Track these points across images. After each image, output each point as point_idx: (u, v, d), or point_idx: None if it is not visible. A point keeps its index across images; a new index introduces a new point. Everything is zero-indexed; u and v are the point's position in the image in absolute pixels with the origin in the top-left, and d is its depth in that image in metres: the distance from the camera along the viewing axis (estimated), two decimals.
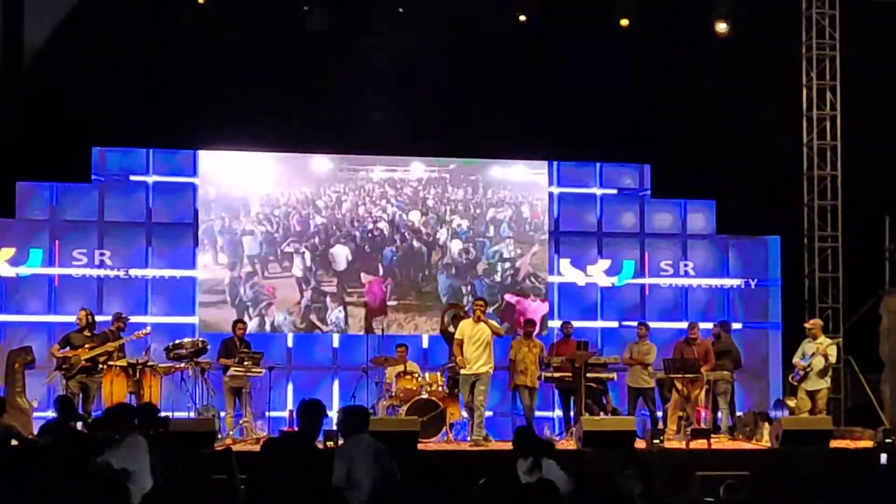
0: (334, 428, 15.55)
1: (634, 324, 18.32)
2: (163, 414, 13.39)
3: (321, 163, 19.13)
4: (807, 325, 17.49)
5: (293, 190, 18.90)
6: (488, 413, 16.87)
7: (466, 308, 17.62)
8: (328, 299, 18.82)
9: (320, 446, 14.40)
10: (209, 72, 18.42)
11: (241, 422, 16.23)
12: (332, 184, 19.09)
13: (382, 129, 19.18)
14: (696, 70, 19.77)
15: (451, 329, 17.72)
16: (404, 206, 19.19)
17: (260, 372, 16.50)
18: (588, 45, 19.25)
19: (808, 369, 16.77)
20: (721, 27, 19.56)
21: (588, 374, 16.73)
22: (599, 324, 19.38)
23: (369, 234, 19.05)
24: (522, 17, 19.50)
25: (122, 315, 16.68)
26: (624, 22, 19.55)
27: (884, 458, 14.56)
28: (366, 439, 10.21)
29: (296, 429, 14.69)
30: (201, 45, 18.48)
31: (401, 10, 19.40)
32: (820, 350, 16.77)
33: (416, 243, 19.16)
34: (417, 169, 19.34)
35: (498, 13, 19.16)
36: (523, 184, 19.46)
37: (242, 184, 18.74)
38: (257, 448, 14.85)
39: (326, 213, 18.96)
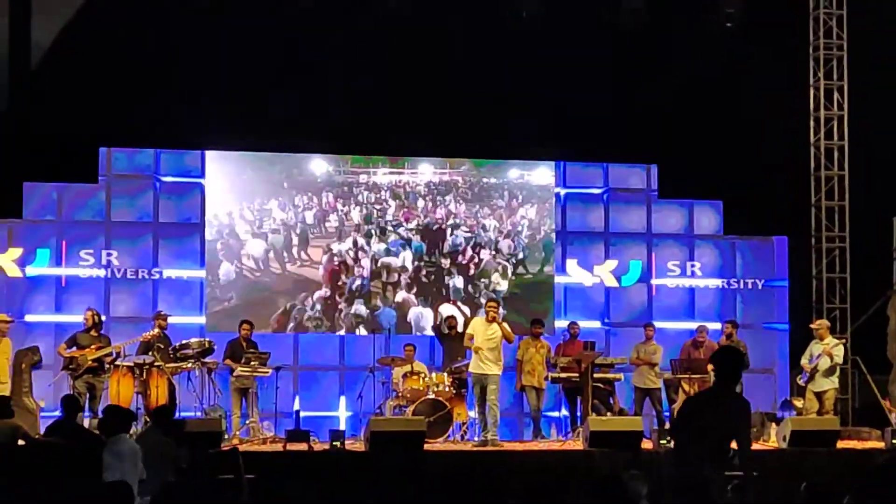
0: (342, 428, 15.66)
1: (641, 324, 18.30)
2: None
3: (320, 165, 19.08)
4: (813, 326, 17.42)
5: (284, 196, 18.82)
6: None
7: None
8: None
9: (325, 446, 14.48)
10: (216, 71, 18.40)
11: (247, 422, 16.23)
12: (329, 188, 19.02)
13: (386, 128, 19.13)
14: (703, 69, 19.72)
15: (444, 329, 17.82)
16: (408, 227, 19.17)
17: (266, 372, 16.49)
18: (595, 44, 19.23)
19: (815, 370, 16.72)
20: None
21: (595, 375, 16.71)
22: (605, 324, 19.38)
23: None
24: (525, 14, 19.36)
25: (161, 313, 16.70)
26: (631, 21, 19.47)
27: None
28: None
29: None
30: (208, 44, 18.44)
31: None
32: (826, 350, 16.71)
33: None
34: (426, 170, 19.31)
35: (503, 10, 19.08)
36: (535, 186, 19.45)
37: (249, 184, 18.76)
38: (264, 448, 14.90)
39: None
